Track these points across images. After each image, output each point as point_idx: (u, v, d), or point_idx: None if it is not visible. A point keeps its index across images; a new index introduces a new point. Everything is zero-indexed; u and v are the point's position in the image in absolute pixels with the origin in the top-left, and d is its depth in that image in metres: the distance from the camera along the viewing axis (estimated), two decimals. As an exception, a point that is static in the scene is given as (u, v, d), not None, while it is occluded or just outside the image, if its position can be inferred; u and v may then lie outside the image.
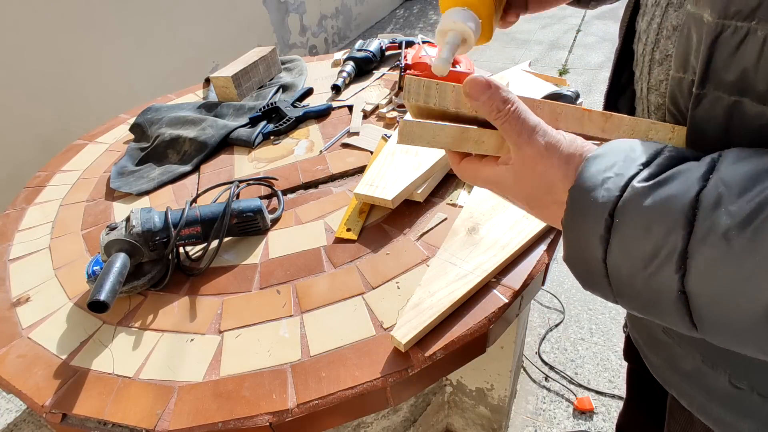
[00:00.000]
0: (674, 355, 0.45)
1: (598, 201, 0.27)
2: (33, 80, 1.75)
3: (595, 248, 0.28)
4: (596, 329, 1.44)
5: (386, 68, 1.20)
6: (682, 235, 0.24)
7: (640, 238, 0.25)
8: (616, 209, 0.26)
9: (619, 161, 0.28)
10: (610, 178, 0.27)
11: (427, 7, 4.43)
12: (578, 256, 0.29)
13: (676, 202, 0.25)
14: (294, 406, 0.49)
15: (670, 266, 0.25)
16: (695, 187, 0.25)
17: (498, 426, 1.07)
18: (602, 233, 0.27)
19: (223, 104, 1.10)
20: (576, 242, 0.29)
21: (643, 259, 0.26)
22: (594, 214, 0.27)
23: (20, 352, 0.60)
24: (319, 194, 0.80)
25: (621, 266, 0.27)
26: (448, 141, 0.34)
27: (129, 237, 0.62)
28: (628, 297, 0.28)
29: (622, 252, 0.27)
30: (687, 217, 0.24)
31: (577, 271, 0.31)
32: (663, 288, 0.25)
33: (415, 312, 0.54)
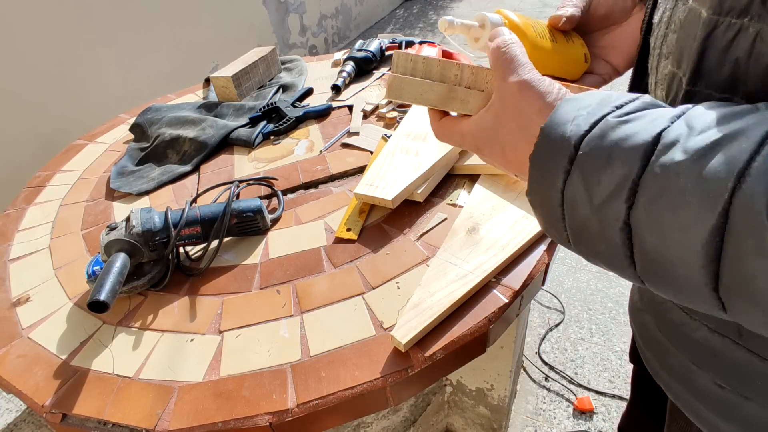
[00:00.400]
0: (665, 352, 0.45)
1: (566, 135, 0.27)
2: (33, 80, 1.75)
3: (556, 179, 0.28)
4: (596, 329, 1.44)
5: (386, 68, 1.20)
6: (638, 167, 0.24)
7: (598, 169, 0.26)
8: (582, 142, 0.26)
9: (594, 103, 0.28)
10: (582, 116, 0.27)
11: (427, 7, 4.44)
12: (540, 189, 0.30)
13: (638, 138, 0.25)
14: (294, 406, 0.49)
15: (621, 197, 0.25)
16: (661, 126, 0.25)
17: (498, 426, 1.07)
18: (565, 165, 0.27)
19: (223, 104, 1.10)
20: (539, 175, 0.29)
21: (598, 189, 0.26)
22: (560, 147, 0.27)
23: (20, 352, 0.60)
24: (319, 194, 0.80)
25: (576, 196, 0.27)
26: (435, 99, 0.36)
27: (129, 237, 0.62)
28: (578, 231, 0.28)
29: (579, 182, 0.27)
30: (646, 151, 0.24)
31: (537, 206, 0.31)
32: (610, 219, 0.26)
33: (415, 312, 0.54)
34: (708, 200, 0.21)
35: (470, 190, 0.74)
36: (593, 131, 0.26)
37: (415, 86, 0.35)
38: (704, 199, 0.22)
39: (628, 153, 0.25)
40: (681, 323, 0.41)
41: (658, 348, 0.46)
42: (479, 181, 0.74)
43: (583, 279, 1.59)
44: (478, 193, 0.72)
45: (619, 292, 1.53)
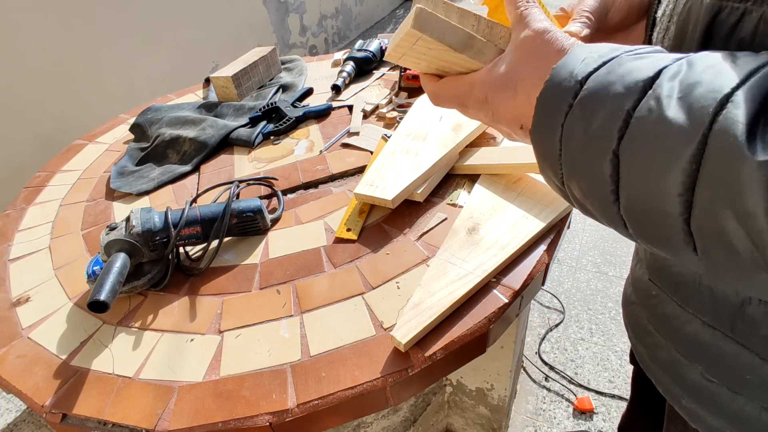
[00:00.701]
0: (654, 344, 0.45)
1: (573, 72, 0.27)
2: (33, 80, 1.75)
3: (558, 115, 0.28)
4: (596, 329, 1.44)
5: (386, 68, 1.20)
6: (634, 99, 0.24)
7: (598, 100, 0.26)
8: (588, 79, 0.27)
9: (607, 48, 0.28)
10: (592, 57, 0.27)
11: (427, 7, 4.43)
12: (542, 126, 0.29)
13: (640, 73, 0.25)
14: (294, 406, 0.49)
15: (615, 126, 0.25)
16: (663, 63, 0.25)
17: (498, 426, 1.07)
18: (569, 100, 0.27)
19: (223, 104, 1.10)
20: (544, 113, 0.29)
21: (594, 119, 0.26)
22: (567, 85, 0.27)
23: (20, 352, 0.60)
24: (319, 194, 0.80)
25: (574, 128, 0.27)
26: (455, 41, 0.35)
27: (129, 237, 0.62)
28: (571, 165, 0.28)
29: (578, 114, 0.27)
30: (644, 86, 0.24)
31: (537, 144, 0.31)
32: (600, 149, 0.26)
33: (415, 312, 0.54)
34: (690, 127, 0.22)
35: (470, 190, 0.74)
36: (600, 69, 0.26)
37: (440, 24, 0.34)
38: (687, 127, 0.22)
39: (627, 85, 0.25)
40: (673, 316, 0.41)
41: (650, 342, 0.46)
42: (479, 181, 0.74)
43: (583, 279, 1.59)
44: (478, 193, 0.72)
45: (618, 292, 1.53)
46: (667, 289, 0.42)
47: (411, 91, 1.03)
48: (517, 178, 0.72)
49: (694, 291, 0.38)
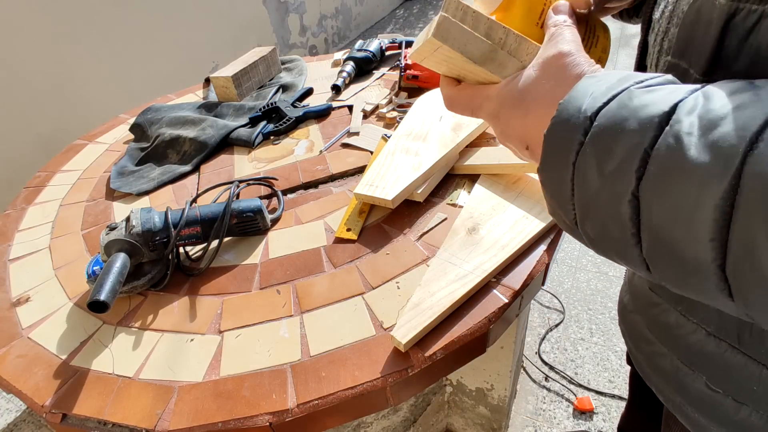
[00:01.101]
0: (655, 353, 0.45)
1: (582, 107, 0.26)
2: (33, 80, 1.75)
3: (569, 153, 0.27)
4: (596, 329, 1.44)
5: (386, 68, 1.20)
6: (651, 137, 0.23)
7: (612, 137, 0.25)
8: (599, 114, 0.26)
9: (615, 79, 0.27)
10: (600, 90, 0.26)
11: (427, 7, 4.44)
12: (551, 164, 0.29)
13: (654, 108, 0.24)
14: (294, 406, 0.49)
15: (632, 166, 0.24)
16: (678, 97, 0.24)
17: (498, 426, 1.07)
18: (579, 137, 0.26)
19: (223, 104, 1.10)
20: (552, 150, 0.28)
21: (610, 158, 0.25)
22: (575, 120, 0.26)
23: (20, 352, 0.60)
24: (319, 194, 0.80)
25: (587, 168, 0.26)
26: (476, 54, 0.34)
27: (129, 237, 0.62)
28: (585, 207, 0.27)
29: (591, 153, 0.26)
30: (660, 121, 0.23)
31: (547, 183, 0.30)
32: (619, 190, 0.24)
33: (415, 312, 0.54)
34: (718, 167, 0.20)
35: (470, 190, 0.74)
36: (611, 104, 0.25)
37: (462, 34, 0.34)
38: (714, 167, 0.21)
39: (642, 122, 0.24)
40: (676, 325, 0.41)
41: (650, 350, 0.46)
42: (479, 181, 0.74)
43: (583, 279, 1.59)
44: (478, 193, 0.72)
45: (618, 292, 1.53)
46: (669, 298, 0.42)
47: (411, 91, 1.03)
48: (517, 178, 0.72)
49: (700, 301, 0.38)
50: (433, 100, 0.91)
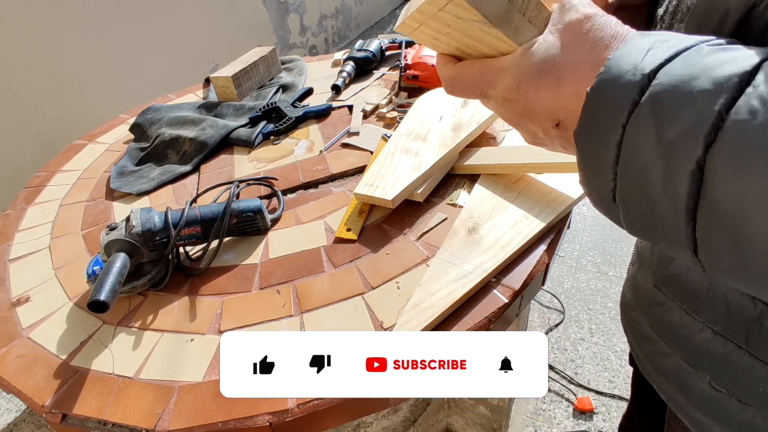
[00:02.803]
0: (657, 352, 0.44)
1: (639, 64, 0.23)
2: (33, 80, 1.75)
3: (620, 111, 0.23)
4: (596, 329, 1.44)
5: (386, 68, 1.20)
6: (726, 98, 0.19)
7: (677, 98, 0.21)
8: (659, 71, 0.22)
9: (674, 38, 0.23)
10: (661, 47, 0.23)
11: (427, 7, 4.43)
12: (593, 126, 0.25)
13: (733, 66, 0.20)
14: (294, 406, 0.49)
15: (700, 132, 0.20)
16: (762, 56, 0.20)
17: (498, 426, 1.07)
18: (633, 96, 0.22)
19: (223, 104, 1.10)
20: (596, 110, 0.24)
21: (672, 123, 0.21)
22: (629, 77, 0.23)
23: (20, 352, 0.60)
24: (319, 194, 0.80)
25: (641, 133, 0.22)
26: (491, 12, 0.28)
27: (129, 237, 0.62)
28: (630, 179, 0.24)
29: (649, 116, 0.22)
30: (741, 81, 0.20)
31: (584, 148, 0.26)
32: (679, 159, 0.21)
33: (415, 312, 0.54)
34: None
35: (470, 190, 0.74)
36: (675, 60, 0.22)
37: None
38: None
39: (717, 81, 0.20)
40: (681, 324, 0.40)
41: (652, 349, 0.45)
42: (479, 181, 0.74)
43: (583, 279, 1.59)
44: (478, 193, 0.72)
45: (618, 292, 1.52)
46: (675, 297, 0.41)
47: (411, 91, 1.03)
48: (517, 178, 0.72)
49: (707, 300, 0.37)
50: (433, 100, 0.91)
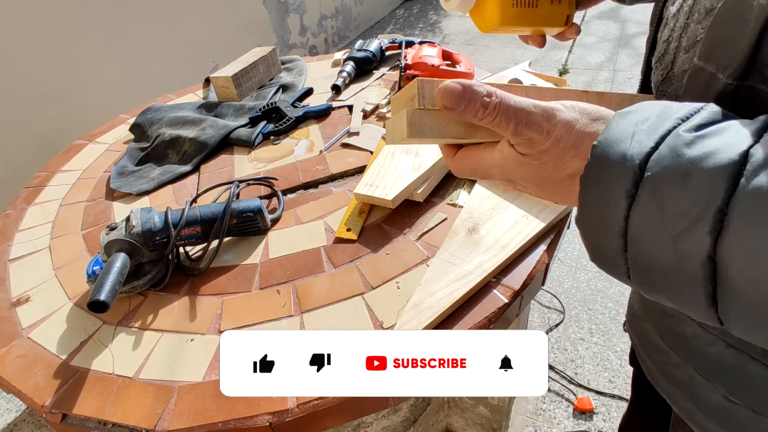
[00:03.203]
0: (668, 362, 0.44)
1: (627, 153, 0.23)
2: (33, 80, 1.75)
3: (617, 204, 0.24)
4: (596, 329, 1.44)
5: (386, 68, 1.20)
6: (724, 189, 0.21)
7: (674, 193, 0.22)
8: (649, 160, 0.23)
9: (653, 116, 0.24)
10: (642, 130, 0.24)
11: (427, 7, 4.44)
12: (594, 216, 0.26)
13: (722, 156, 0.21)
14: (294, 406, 0.49)
15: (704, 225, 0.21)
16: (746, 142, 0.21)
17: (498, 426, 1.07)
18: (629, 188, 0.23)
19: (223, 104, 1.10)
20: (594, 200, 0.25)
21: (674, 215, 0.22)
22: (621, 167, 0.24)
23: (20, 352, 0.60)
24: (319, 194, 0.80)
25: (645, 224, 0.23)
26: (460, 130, 0.31)
27: (129, 237, 0.62)
28: (643, 266, 0.25)
29: (651, 209, 0.23)
30: (732, 172, 0.21)
31: (590, 234, 0.27)
32: (689, 251, 0.22)
33: (415, 312, 0.54)
34: None
35: (470, 190, 0.74)
36: (661, 148, 0.23)
37: (439, 118, 0.30)
38: None
39: (710, 174, 0.21)
40: (693, 336, 0.39)
41: (663, 359, 0.45)
42: (479, 181, 0.74)
43: (583, 279, 1.59)
44: (478, 193, 0.72)
45: (619, 292, 1.53)
46: None
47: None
48: (517, 178, 0.72)
49: None
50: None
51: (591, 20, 3.62)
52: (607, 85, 2.71)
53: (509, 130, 0.28)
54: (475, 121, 0.29)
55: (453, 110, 0.29)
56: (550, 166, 0.28)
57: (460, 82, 0.29)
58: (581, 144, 0.27)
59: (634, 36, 3.28)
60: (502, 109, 0.28)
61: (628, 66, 2.90)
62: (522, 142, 0.28)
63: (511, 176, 0.31)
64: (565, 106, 0.28)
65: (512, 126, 0.28)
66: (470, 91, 0.28)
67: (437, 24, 4.02)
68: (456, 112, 0.29)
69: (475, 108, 0.28)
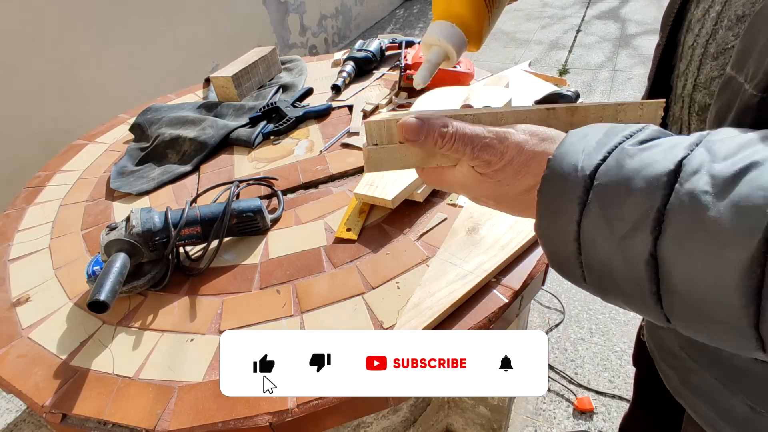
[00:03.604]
0: (688, 371, 0.43)
1: (578, 165, 0.26)
2: (33, 80, 1.75)
3: (570, 212, 0.26)
4: (596, 329, 1.44)
5: (386, 68, 1.20)
6: (661, 196, 0.23)
7: (619, 199, 0.24)
8: (597, 171, 0.25)
9: (601, 134, 0.27)
10: (591, 146, 0.26)
11: (427, 7, 4.43)
12: (550, 224, 0.28)
13: (659, 166, 0.23)
14: (294, 406, 0.49)
15: (645, 228, 0.23)
16: (681, 153, 0.24)
17: (498, 426, 1.07)
18: (580, 195, 0.26)
19: (223, 104, 1.10)
20: (549, 209, 0.28)
21: (620, 219, 0.24)
22: (573, 178, 0.26)
23: (20, 352, 0.60)
24: (319, 194, 0.80)
25: (595, 228, 0.25)
26: (417, 159, 0.34)
27: (129, 237, 0.62)
28: (596, 268, 0.27)
29: (598, 215, 0.25)
30: (669, 180, 0.23)
31: (547, 240, 0.29)
32: (634, 253, 0.24)
33: (415, 312, 0.54)
34: (743, 228, 0.20)
35: (470, 190, 0.74)
36: (608, 161, 0.25)
37: (393, 152, 0.34)
38: (739, 228, 0.20)
39: (649, 182, 0.23)
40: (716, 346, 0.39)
41: (682, 368, 0.44)
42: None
43: (583, 279, 1.59)
44: (478, 193, 0.72)
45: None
46: None
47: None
48: (517, 178, 0.72)
49: None
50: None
51: (591, 20, 3.62)
52: (607, 85, 2.71)
53: (467, 155, 0.31)
54: (435, 149, 0.32)
55: (414, 142, 0.32)
56: (506, 183, 0.31)
57: (418, 116, 0.32)
58: (532, 162, 0.29)
59: (634, 36, 3.28)
60: (459, 137, 0.31)
61: (628, 66, 2.90)
62: (479, 163, 0.31)
63: (472, 192, 0.34)
64: (517, 129, 0.31)
65: (469, 150, 0.31)
66: (428, 124, 0.31)
67: (437, 24, 4.02)
68: (417, 143, 0.32)
69: (434, 138, 0.31)
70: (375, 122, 0.33)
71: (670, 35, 0.40)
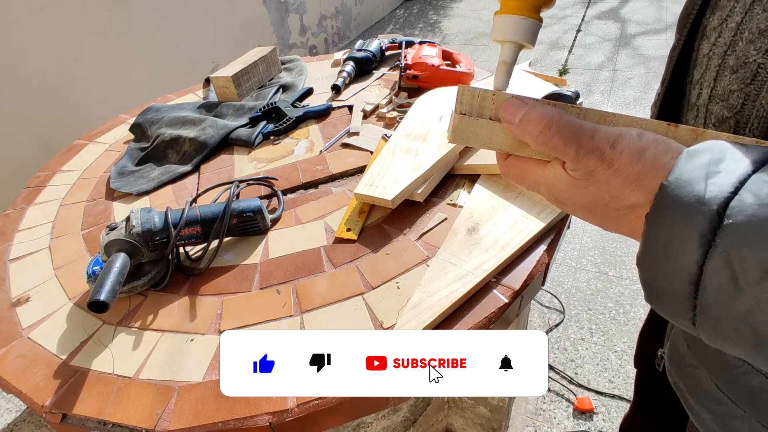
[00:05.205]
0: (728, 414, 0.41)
1: (704, 197, 0.22)
2: (33, 80, 1.75)
3: (690, 252, 0.22)
4: (596, 329, 1.44)
5: (386, 68, 1.20)
6: None
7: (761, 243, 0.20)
8: (728, 207, 0.21)
9: (726, 157, 0.23)
10: (718, 173, 0.22)
11: (427, 7, 4.44)
12: (662, 259, 0.24)
13: None
14: (294, 406, 0.49)
15: None
16: None
17: (498, 426, 1.07)
18: (705, 234, 0.22)
19: (223, 104, 1.10)
20: (662, 242, 0.24)
21: (756, 266, 0.20)
22: (696, 212, 0.22)
23: (20, 352, 0.60)
24: (319, 194, 0.80)
25: (723, 277, 0.21)
26: (507, 143, 0.30)
27: (129, 237, 0.62)
28: (716, 316, 0.23)
29: (729, 260, 0.21)
30: None
31: (652, 276, 0.25)
32: None
33: (415, 312, 0.54)
34: None
35: (470, 190, 0.74)
36: (742, 194, 0.21)
37: (484, 128, 0.30)
38: None
39: None
40: (761, 389, 0.37)
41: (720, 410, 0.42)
42: (479, 181, 0.74)
43: (583, 279, 1.59)
44: (478, 193, 0.72)
45: (618, 292, 1.53)
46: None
47: (411, 91, 1.03)
48: (517, 178, 0.72)
49: None
50: (433, 100, 0.91)
51: (591, 20, 3.62)
52: (607, 85, 2.71)
53: (569, 156, 0.26)
54: (530, 139, 0.28)
55: (510, 123, 0.28)
56: (607, 195, 0.26)
57: (519, 96, 0.28)
58: (645, 177, 0.25)
59: (634, 36, 3.28)
60: (561, 130, 0.26)
61: (628, 66, 2.90)
62: (580, 167, 0.26)
63: (560, 197, 0.29)
64: (631, 133, 0.26)
65: (572, 151, 0.26)
66: (530, 106, 0.27)
67: (437, 24, 4.02)
68: (513, 126, 0.28)
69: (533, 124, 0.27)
70: (469, 89, 0.30)
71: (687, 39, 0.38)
